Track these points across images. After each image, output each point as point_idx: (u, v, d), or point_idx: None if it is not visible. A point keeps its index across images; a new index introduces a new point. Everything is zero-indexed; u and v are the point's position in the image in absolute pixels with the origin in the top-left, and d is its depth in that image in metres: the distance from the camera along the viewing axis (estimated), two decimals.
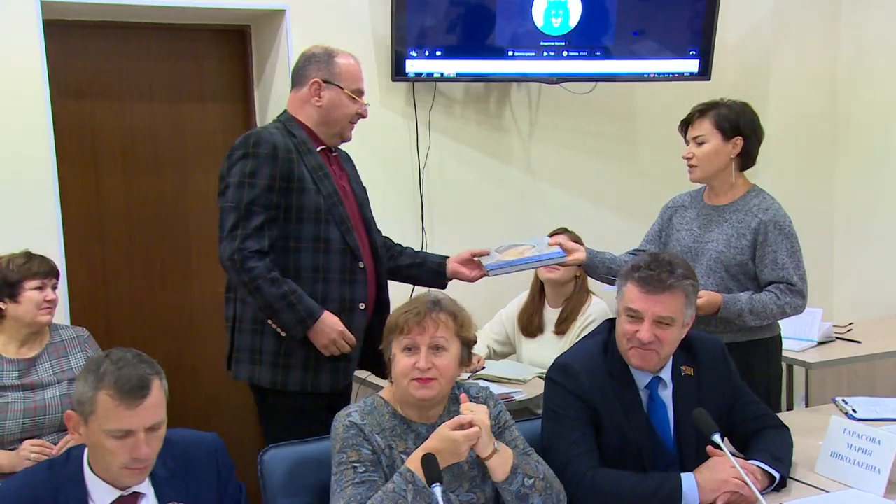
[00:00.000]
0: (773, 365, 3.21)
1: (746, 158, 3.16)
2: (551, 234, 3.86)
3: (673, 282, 2.35)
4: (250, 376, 2.90)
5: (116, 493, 2.03)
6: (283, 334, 2.80)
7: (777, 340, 3.23)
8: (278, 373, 2.84)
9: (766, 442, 2.47)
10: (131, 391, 1.94)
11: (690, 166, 3.16)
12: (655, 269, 2.36)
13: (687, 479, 2.28)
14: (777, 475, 2.35)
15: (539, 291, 3.92)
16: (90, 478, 2.03)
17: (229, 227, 2.75)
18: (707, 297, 2.95)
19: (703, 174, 3.15)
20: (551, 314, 3.87)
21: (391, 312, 2.32)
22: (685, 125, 3.19)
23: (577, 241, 3.78)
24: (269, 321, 2.79)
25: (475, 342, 2.33)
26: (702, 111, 3.13)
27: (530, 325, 3.91)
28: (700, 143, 3.12)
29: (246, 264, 2.72)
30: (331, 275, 2.84)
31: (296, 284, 2.76)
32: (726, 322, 3.06)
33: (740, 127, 3.10)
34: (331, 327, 2.79)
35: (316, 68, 2.90)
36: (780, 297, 3.02)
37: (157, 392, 1.99)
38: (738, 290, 3.09)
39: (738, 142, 3.11)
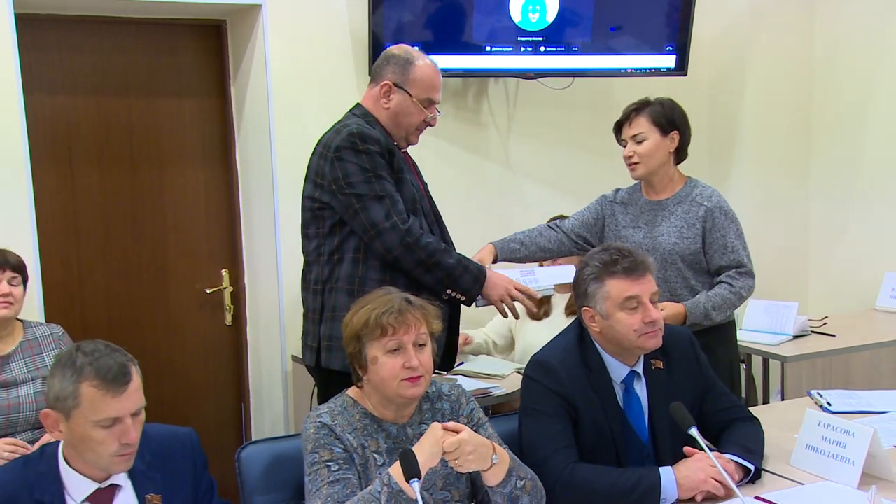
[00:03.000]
0: (732, 349, 3.32)
1: (682, 152, 3.27)
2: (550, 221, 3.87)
3: (648, 261, 2.46)
4: (344, 364, 2.84)
5: (94, 486, 2.03)
6: (462, 299, 2.87)
7: (733, 325, 3.33)
8: None
9: (737, 434, 2.49)
10: (115, 379, 1.96)
11: (632, 164, 3.24)
12: (627, 256, 2.43)
13: (666, 473, 2.29)
14: (752, 467, 2.37)
15: None
16: (66, 472, 2.03)
17: (383, 217, 2.76)
18: (669, 308, 3.04)
19: (647, 170, 3.24)
20: (559, 299, 3.89)
21: (354, 313, 2.26)
22: (619, 126, 3.28)
23: None
24: (448, 292, 2.84)
25: (439, 332, 2.32)
26: (637, 109, 3.23)
27: (538, 309, 3.95)
28: (639, 141, 3.21)
29: (420, 243, 2.76)
30: None
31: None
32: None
33: (675, 121, 3.22)
34: (500, 278, 2.87)
35: (391, 70, 2.91)
36: (732, 284, 3.14)
37: (136, 377, 2.03)
38: (696, 279, 3.19)
39: (675, 136, 3.22)
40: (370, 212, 2.76)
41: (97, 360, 1.96)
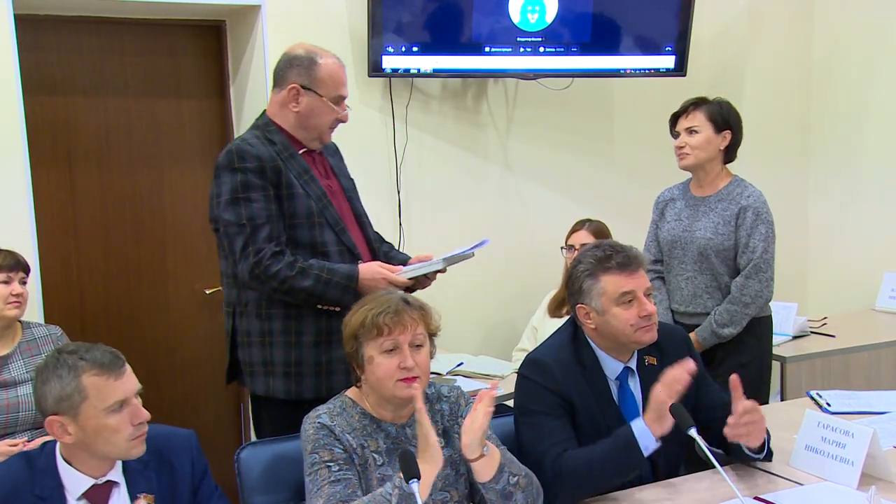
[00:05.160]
0: (763, 343, 3.41)
1: (731, 152, 3.43)
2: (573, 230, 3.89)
3: (641, 256, 2.49)
4: (266, 389, 2.81)
5: (90, 482, 2.06)
6: (337, 310, 2.68)
7: (768, 321, 3.43)
8: (291, 383, 2.77)
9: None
10: (112, 363, 2.02)
11: (682, 154, 3.39)
12: (620, 251, 2.46)
13: (636, 424, 2.31)
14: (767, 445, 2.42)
15: None
16: (63, 468, 2.06)
17: (240, 248, 2.68)
18: None
19: (695, 161, 3.38)
20: None
21: (353, 313, 2.26)
22: (675, 117, 3.43)
23: (603, 230, 3.84)
24: (320, 307, 2.74)
25: (438, 333, 2.32)
26: (695, 104, 3.40)
27: (560, 308, 3.98)
28: (692, 133, 3.36)
29: (268, 272, 2.66)
30: None
31: (318, 260, 2.72)
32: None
33: (730, 121, 3.38)
34: (373, 278, 2.72)
35: (296, 72, 2.82)
36: (734, 293, 3.27)
37: (126, 363, 2.08)
38: (727, 276, 3.32)
39: (727, 135, 3.38)
40: (231, 239, 2.70)
41: (87, 353, 2.02)
